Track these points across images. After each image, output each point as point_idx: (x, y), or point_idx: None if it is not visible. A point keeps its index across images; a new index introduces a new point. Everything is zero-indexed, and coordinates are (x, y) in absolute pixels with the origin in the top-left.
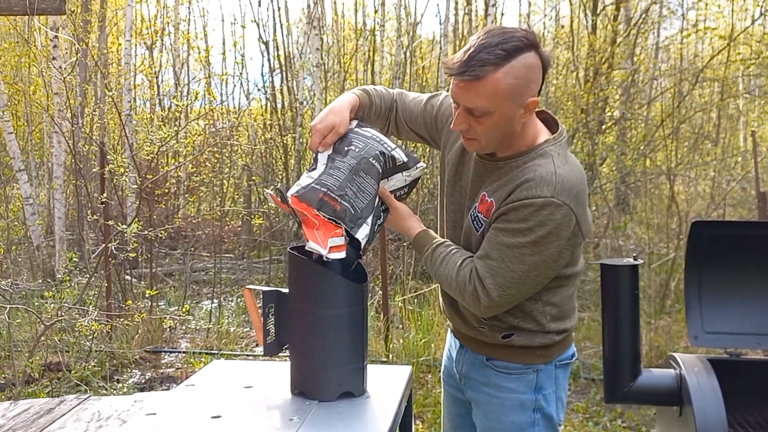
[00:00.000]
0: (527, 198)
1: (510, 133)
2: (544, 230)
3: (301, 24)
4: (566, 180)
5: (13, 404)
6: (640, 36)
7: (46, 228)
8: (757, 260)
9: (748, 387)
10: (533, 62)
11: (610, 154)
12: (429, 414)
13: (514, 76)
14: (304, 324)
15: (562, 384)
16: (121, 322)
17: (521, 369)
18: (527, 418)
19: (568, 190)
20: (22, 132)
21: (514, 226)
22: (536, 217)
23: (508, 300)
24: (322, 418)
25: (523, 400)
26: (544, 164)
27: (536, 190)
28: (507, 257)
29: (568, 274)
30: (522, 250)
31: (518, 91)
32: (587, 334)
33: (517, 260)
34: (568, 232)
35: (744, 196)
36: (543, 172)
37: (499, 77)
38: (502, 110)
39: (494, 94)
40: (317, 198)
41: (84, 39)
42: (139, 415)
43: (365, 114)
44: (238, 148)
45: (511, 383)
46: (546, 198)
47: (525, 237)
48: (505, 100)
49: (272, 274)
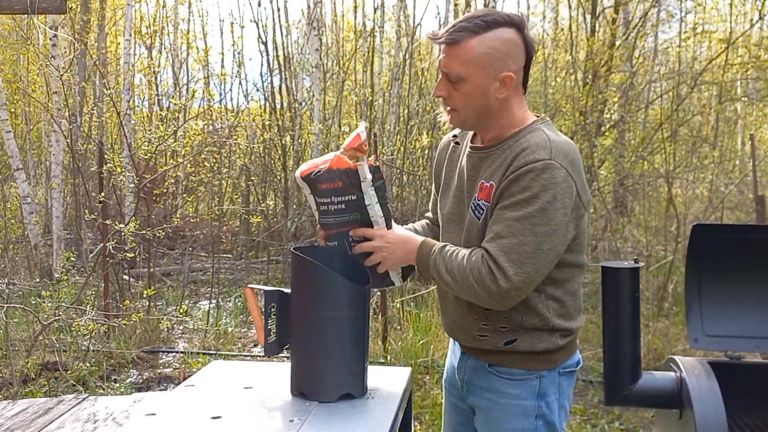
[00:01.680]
0: (526, 164)
1: (486, 108)
2: (549, 195)
3: (300, 24)
4: (560, 145)
5: (12, 404)
6: (639, 39)
7: (44, 227)
8: (757, 263)
9: (748, 390)
10: (511, 37)
11: (608, 156)
12: (427, 415)
13: (488, 46)
14: (305, 325)
15: (566, 392)
16: (119, 322)
17: (524, 375)
18: (529, 425)
19: (564, 154)
20: (21, 131)
21: (519, 198)
22: (538, 182)
23: (525, 280)
24: (323, 420)
25: (525, 406)
26: (536, 135)
27: (534, 155)
28: (517, 231)
29: (571, 262)
30: (531, 221)
31: (492, 62)
32: (585, 336)
33: (528, 232)
34: (571, 200)
35: (742, 199)
36: (537, 139)
37: (474, 44)
38: (477, 79)
39: (468, 60)
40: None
41: (83, 38)
42: (138, 415)
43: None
44: (236, 148)
45: (513, 389)
46: (545, 160)
47: (531, 206)
48: (479, 68)
49: (270, 275)
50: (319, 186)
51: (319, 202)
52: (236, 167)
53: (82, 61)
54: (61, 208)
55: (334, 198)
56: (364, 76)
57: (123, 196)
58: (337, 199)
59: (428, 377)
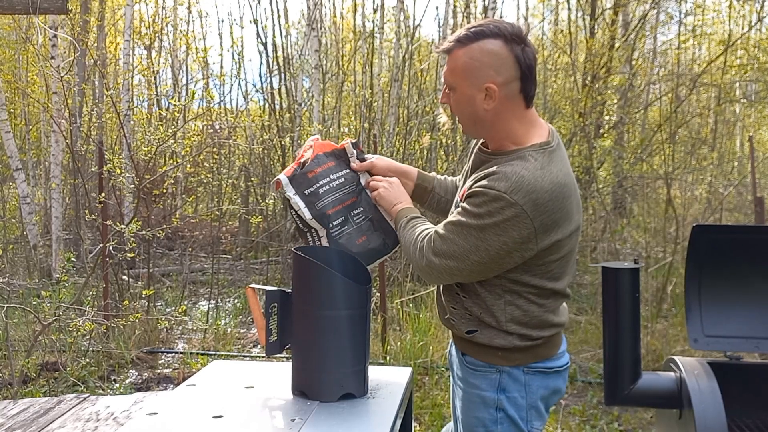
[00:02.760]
0: (484, 187)
1: (476, 117)
2: (491, 221)
3: (300, 25)
4: (527, 183)
5: (13, 403)
6: (638, 41)
7: (43, 227)
8: (757, 264)
9: (747, 390)
10: (494, 49)
11: (607, 158)
12: (426, 416)
13: (470, 56)
14: (306, 324)
15: (537, 392)
16: (118, 323)
17: (485, 367)
18: (489, 415)
19: (526, 192)
20: (20, 131)
21: (468, 209)
22: (487, 207)
23: (445, 270)
24: (324, 419)
25: (484, 397)
26: (515, 164)
27: (493, 183)
28: (455, 231)
29: (535, 284)
30: (468, 230)
31: (473, 72)
32: (584, 337)
33: (462, 236)
34: (518, 235)
35: (740, 200)
36: (508, 170)
37: (459, 54)
38: (462, 88)
39: (453, 69)
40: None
41: (83, 38)
42: (140, 415)
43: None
44: (236, 148)
45: (476, 380)
46: (498, 192)
47: (473, 220)
48: (462, 78)
49: (270, 275)
50: (308, 175)
51: (312, 192)
52: (236, 168)
53: (81, 61)
54: (60, 208)
55: (332, 176)
56: (363, 77)
57: (122, 196)
58: (336, 176)
59: (428, 378)
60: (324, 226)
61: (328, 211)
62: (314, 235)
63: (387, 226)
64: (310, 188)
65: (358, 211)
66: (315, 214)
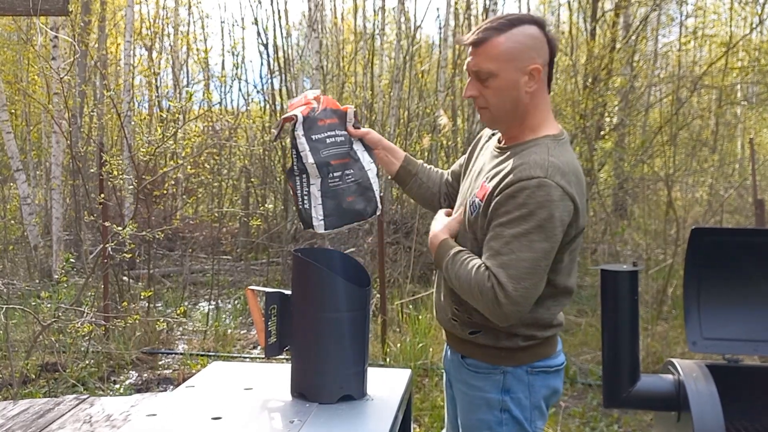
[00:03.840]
0: (521, 180)
1: (517, 101)
2: (545, 212)
3: (301, 26)
4: (558, 166)
5: (12, 404)
6: (639, 42)
7: (44, 228)
8: (756, 267)
9: (746, 393)
10: (535, 33)
11: (608, 159)
12: (426, 418)
13: (514, 41)
14: (306, 326)
15: (539, 392)
16: (118, 324)
17: (488, 369)
18: (493, 417)
19: (562, 174)
20: (21, 132)
21: (515, 215)
22: (534, 199)
23: (524, 295)
24: (323, 421)
25: (488, 399)
26: (537, 151)
27: (529, 172)
28: (516, 248)
29: (549, 280)
30: (529, 237)
31: (519, 55)
32: (584, 339)
33: (526, 248)
34: (568, 217)
35: (741, 203)
36: (536, 158)
37: (501, 40)
38: (507, 73)
39: (497, 55)
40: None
41: (84, 40)
42: (139, 416)
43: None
44: (236, 149)
45: (479, 382)
46: (540, 178)
47: (528, 222)
48: (507, 62)
49: (270, 276)
50: (319, 122)
51: (319, 139)
52: (236, 169)
53: (82, 62)
54: (60, 209)
55: (336, 131)
56: (364, 78)
57: (123, 197)
58: (338, 132)
59: (427, 380)
60: (322, 175)
61: (332, 162)
62: (304, 181)
63: (371, 195)
64: (318, 135)
65: (350, 173)
66: (318, 160)
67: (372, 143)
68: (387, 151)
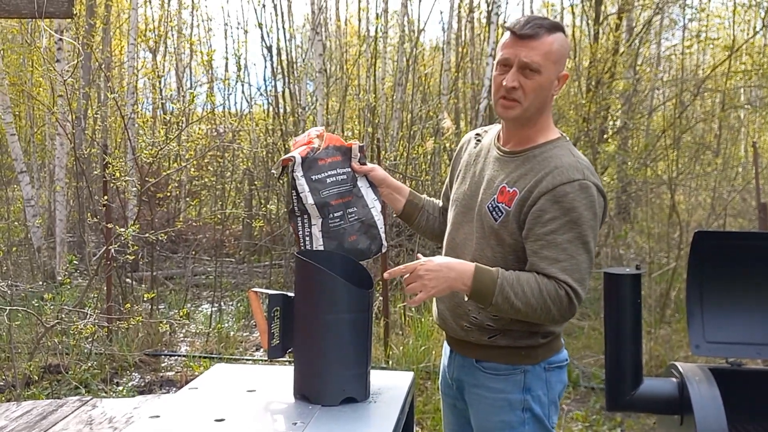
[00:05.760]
0: (562, 183)
1: (545, 102)
2: (591, 213)
3: (304, 29)
4: (587, 165)
5: (16, 405)
6: (642, 46)
7: (47, 230)
8: (758, 271)
9: (748, 396)
10: (567, 42)
11: (611, 163)
12: (428, 421)
13: (559, 44)
14: (309, 328)
15: (555, 387)
16: (121, 326)
17: (509, 370)
18: (516, 417)
19: (591, 172)
20: (25, 133)
21: (565, 219)
22: (580, 202)
23: (585, 294)
24: (325, 423)
25: (511, 399)
26: (563, 155)
27: (567, 175)
28: (573, 252)
29: None
30: (583, 239)
31: (560, 59)
32: (587, 342)
33: (582, 250)
34: (601, 211)
35: (744, 206)
36: (568, 160)
37: (551, 40)
38: (548, 73)
39: (547, 53)
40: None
41: (88, 42)
42: (142, 418)
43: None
44: (240, 152)
45: (499, 384)
46: (580, 180)
47: (579, 226)
48: (553, 63)
49: (273, 279)
50: (319, 162)
51: (319, 179)
52: (239, 171)
53: (86, 64)
54: (64, 210)
55: (338, 170)
56: (367, 81)
57: (126, 199)
58: (341, 171)
59: (430, 382)
60: (322, 215)
61: (332, 202)
62: (306, 221)
63: (375, 233)
64: (318, 175)
65: (352, 211)
66: (317, 201)
67: (377, 181)
68: (392, 188)
